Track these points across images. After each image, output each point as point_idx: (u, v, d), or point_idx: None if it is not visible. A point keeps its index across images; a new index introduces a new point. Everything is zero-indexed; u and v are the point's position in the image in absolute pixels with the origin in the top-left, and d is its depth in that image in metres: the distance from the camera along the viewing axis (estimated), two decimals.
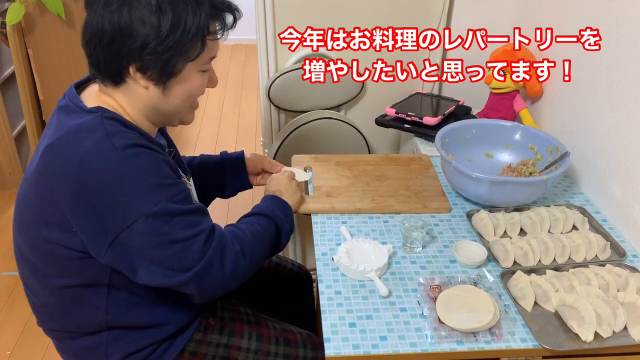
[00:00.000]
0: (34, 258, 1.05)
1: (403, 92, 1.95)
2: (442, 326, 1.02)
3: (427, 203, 1.38)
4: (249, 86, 4.25)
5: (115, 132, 0.96)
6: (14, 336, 2.04)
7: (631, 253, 1.23)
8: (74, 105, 1.02)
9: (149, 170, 0.97)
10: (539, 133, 1.46)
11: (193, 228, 1.00)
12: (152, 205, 0.95)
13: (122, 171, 0.94)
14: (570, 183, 1.50)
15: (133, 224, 0.95)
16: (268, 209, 1.21)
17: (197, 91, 1.08)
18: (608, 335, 1.01)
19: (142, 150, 0.97)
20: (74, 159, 0.94)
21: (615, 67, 1.32)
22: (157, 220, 0.96)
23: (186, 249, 0.99)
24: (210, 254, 1.01)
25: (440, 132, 1.43)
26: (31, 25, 2.54)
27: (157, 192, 0.97)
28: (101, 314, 1.07)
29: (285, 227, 1.20)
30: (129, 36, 0.95)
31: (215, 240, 1.03)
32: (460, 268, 1.18)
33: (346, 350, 0.98)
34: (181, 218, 0.99)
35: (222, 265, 1.03)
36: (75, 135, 0.96)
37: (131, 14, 0.94)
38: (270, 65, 1.87)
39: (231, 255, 1.05)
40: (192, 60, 1.01)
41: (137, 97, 1.03)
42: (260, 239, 1.13)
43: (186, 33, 0.97)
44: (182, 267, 0.99)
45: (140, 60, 0.97)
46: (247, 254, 1.08)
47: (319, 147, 1.90)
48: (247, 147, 3.42)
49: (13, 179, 2.86)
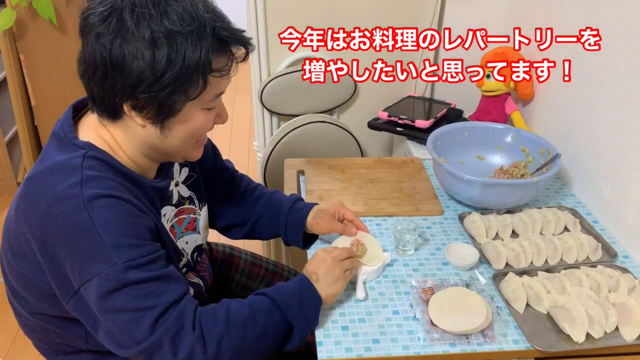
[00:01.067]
0: (13, 281, 1.02)
1: (395, 95, 1.96)
2: (435, 328, 1.02)
3: (420, 206, 1.38)
4: (242, 90, 4.24)
5: (90, 179, 0.89)
6: (6, 343, 2.03)
7: (622, 254, 1.24)
8: (64, 136, 0.95)
9: (113, 226, 0.87)
10: (531, 135, 1.47)
11: (149, 299, 0.88)
12: (107, 267, 0.86)
13: (83, 224, 0.86)
14: (561, 185, 1.51)
15: (89, 281, 0.87)
16: (283, 294, 0.99)
17: (200, 130, 0.98)
18: (600, 335, 1.01)
19: (113, 202, 0.89)
20: (43, 202, 0.89)
21: (606, 69, 1.33)
22: (109, 284, 0.86)
23: (136, 320, 0.87)
24: (160, 334, 0.87)
25: (432, 135, 1.44)
26: (23, 30, 2.53)
27: (116, 252, 0.87)
28: (82, 342, 1.04)
29: (299, 323, 0.98)
30: (122, 72, 0.87)
31: (172, 318, 0.88)
32: (452, 270, 1.18)
33: (339, 354, 0.98)
34: (137, 286, 0.87)
35: (173, 349, 0.88)
36: (52, 174, 0.91)
37: (123, 47, 0.86)
38: (263, 69, 1.87)
39: (188, 342, 0.88)
40: (192, 99, 0.91)
41: (134, 134, 0.95)
42: (248, 330, 0.93)
43: (184, 70, 0.87)
44: (132, 339, 0.88)
45: (135, 98, 0.89)
46: (211, 345, 0.90)
47: (312, 151, 1.90)
48: (240, 151, 3.42)
49: (6, 185, 2.85)
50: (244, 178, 1.35)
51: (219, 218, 1.30)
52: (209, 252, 1.39)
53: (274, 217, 1.26)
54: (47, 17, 2.48)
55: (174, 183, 1.14)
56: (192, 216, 1.18)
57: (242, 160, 3.32)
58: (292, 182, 1.50)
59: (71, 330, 1.03)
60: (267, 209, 1.27)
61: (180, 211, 1.15)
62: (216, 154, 1.29)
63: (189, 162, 1.18)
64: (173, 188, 1.14)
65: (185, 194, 1.18)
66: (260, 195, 1.30)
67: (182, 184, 1.17)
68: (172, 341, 0.88)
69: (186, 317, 0.89)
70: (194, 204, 1.20)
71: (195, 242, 1.20)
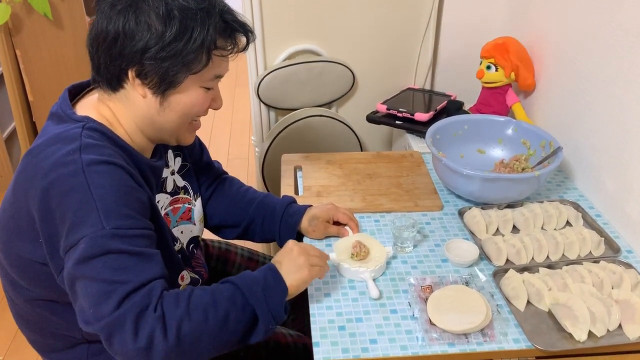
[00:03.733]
0: (8, 266, 1.02)
1: (394, 87, 1.93)
2: (433, 328, 1.00)
3: (419, 201, 1.36)
4: (242, 83, 4.22)
5: (89, 146, 0.91)
6: (5, 342, 2.02)
7: (625, 249, 1.21)
8: (62, 113, 0.98)
9: (107, 191, 0.88)
10: (532, 128, 1.44)
11: (124, 273, 0.85)
12: (94, 230, 0.85)
13: (78, 187, 0.87)
14: (564, 178, 1.48)
15: (74, 247, 0.86)
16: (247, 280, 0.96)
17: (196, 108, 1.01)
18: (602, 334, 0.99)
19: (111, 169, 0.90)
20: (41, 170, 0.90)
21: (608, 60, 1.30)
22: (90, 248, 0.85)
23: (106, 293, 0.84)
24: (124, 310, 0.83)
25: (431, 128, 1.41)
26: (18, 25, 2.51)
27: (105, 216, 0.86)
28: (76, 329, 1.03)
29: (263, 310, 0.94)
30: (132, 38, 0.92)
31: (139, 295, 0.85)
32: (452, 267, 1.16)
33: (335, 355, 0.96)
34: (116, 256, 0.86)
35: (135, 329, 0.83)
36: (51, 144, 0.92)
37: (137, 16, 0.91)
38: (259, 63, 1.85)
39: (149, 323, 0.84)
40: (194, 73, 0.96)
41: (133, 106, 0.99)
42: (209, 315, 0.89)
43: (191, 43, 0.93)
44: (96, 314, 0.84)
45: (141, 64, 0.93)
46: (171, 328, 0.85)
47: (311, 145, 1.88)
48: (240, 145, 3.40)
49: (4, 181, 2.84)
50: (234, 180, 1.36)
51: (210, 217, 1.30)
52: (204, 249, 1.38)
53: (267, 221, 1.26)
54: (43, 12, 2.46)
55: (169, 171, 1.15)
56: (187, 206, 1.19)
57: (242, 154, 3.30)
58: (289, 177, 1.48)
59: (66, 316, 1.02)
60: (259, 213, 1.27)
61: (175, 200, 1.16)
62: (202, 147, 1.31)
63: (182, 152, 1.20)
64: (168, 176, 1.15)
65: (180, 184, 1.19)
66: (253, 198, 1.30)
67: (177, 173, 1.18)
68: (135, 320, 0.84)
69: (152, 298, 0.86)
70: (189, 194, 1.21)
71: (190, 233, 1.20)
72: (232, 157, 3.26)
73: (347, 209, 1.30)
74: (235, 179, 1.36)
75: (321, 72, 1.85)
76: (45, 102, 2.70)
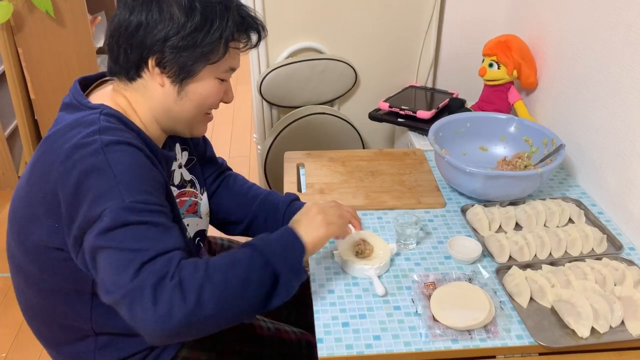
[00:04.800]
0: (21, 255, 1.03)
1: (397, 85, 1.94)
2: (437, 324, 1.01)
3: (422, 198, 1.36)
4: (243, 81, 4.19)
5: (107, 128, 0.93)
6: (9, 338, 2.03)
7: (628, 246, 1.21)
8: (77, 102, 0.99)
9: (127, 168, 0.90)
10: (534, 125, 1.44)
11: (143, 241, 0.87)
12: (115, 203, 0.87)
13: (99, 165, 0.89)
14: (566, 175, 1.48)
15: (97, 220, 0.87)
16: (265, 240, 0.97)
17: (211, 99, 1.04)
18: (605, 330, 0.99)
19: (129, 149, 0.93)
20: (61, 153, 0.91)
21: (610, 57, 1.30)
22: (111, 220, 0.86)
23: (126, 261, 0.84)
24: (143, 277, 0.83)
25: (434, 126, 1.41)
26: (20, 23, 2.51)
27: (126, 190, 0.88)
28: (86, 321, 1.05)
29: (283, 268, 0.94)
30: (154, 27, 0.95)
31: (159, 264, 0.85)
32: (455, 264, 1.17)
33: (339, 351, 0.97)
34: (136, 227, 0.87)
35: (154, 296, 0.83)
36: (70, 129, 0.94)
37: (160, 7, 0.95)
38: (262, 61, 1.85)
39: (167, 290, 0.83)
40: (212, 63, 0.99)
41: (151, 95, 1.01)
42: (229, 276, 0.89)
43: (211, 34, 0.96)
44: (116, 283, 0.84)
45: (162, 52, 0.96)
46: (190, 293, 0.84)
47: (313, 143, 1.88)
48: (242, 143, 3.40)
49: (6, 179, 2.84)
50: (238, 177, 1.36)
51: (214, 213, 1.31)
52: (207, 246, 1.39)
53: (270, 218, 1.26)
54: (45, 10, 2.46)
55: (177, 164, 1.17)
56: (194, 199, 1.20)
57: (243, 152, 3.30)
58: (292, 175, 1.48)
59: (77, 307, 1.03)
60: (263, 210, 1.27)
61: (182, 193, 1.17)
62: (206, 142, 1.32)
63: (188, 146, 1.21)
64: (176, 169, 1.16)
65: (187, 177, 1.20)
66: (256, 195, 1.30)
67: (184, 167, 1.19)
68: (154, 287, 0.83)
69: (170, 266, 0.86)
70: (195, 187, 1.22)
71: (197, 226, 1.20)
72: (234, 155, 3.27)
73: (350, 206, 1.31)
74: (239, 175, 1.37)
75: (323, 70, 1.86)
76: (47, 100, 2.70)
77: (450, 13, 1.89)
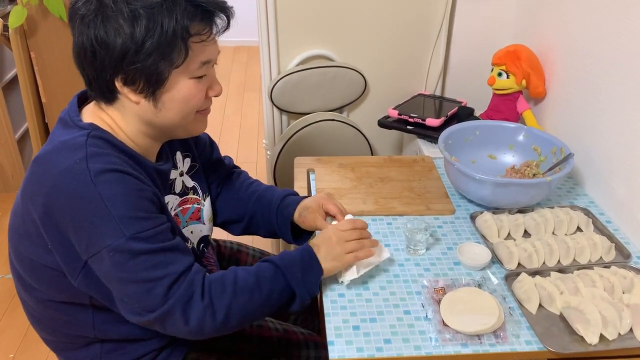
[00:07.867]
0: (19, 267, 1.03)
1: (406, 93, 1.95)
2: (447, 329, 1.02)
3: (431, 205, 1.38)
4: (251, 88, 4.25)
5: (95, 155, 0.92)
6: (17, 339, 2.04)
7: (636, 255, 1.22)
8: (69, 119, 0.99)
9: (120, 199, 0.90)
10: (543, 134, 1.45)
11: (159, 269, 0.92)
12: (115, 239, 0.89)
13: (90, 197, 0.89)
14: (574, 184, 1.49)
15: (98, 253, 0.90)
16: (287, 262, 1.05)
17: (193, 101, 0.99)
18: (614, 337, 1.00)
19: (118, 177, 0.92)
20: (48, 178, 0.91)
21: (618, 67, 1.31)
22: (119, 256, 0.90)
23: (148, 290, 0.91)
24: (172, 302, 0.92)
25: (444, 133, 1.43)
26: (33, 28, 2.54)
27: (124, 225, 0.89)
28: (89, 329, 1.05)
29: (300, 290, 1.04)
30: (107, 47, 0.90)
31: (183, 288, 0.93)
32: (464, 270, 1.18)
33: (350, 354, 0.98)
34: (146, 257, 0.91)
35: (185, 317, 0.93)
36: (57, 152, 0.93)
37: (105, 24, 0.90)
38: (273, 67, 1.87)
39: (197, 310, 0.94)
40: (177, 66, 0.94)
41: (131, 114, 0.99)
42: (254, 297, 0.99)
43: (164, 36, 0.90)
44: (145, 308, 0.93)
45: (124, 71, 0.92)
46: (220, 312, 0.96)
47: (322, 149, 1.90)
48: (249, 148, 3.43)
49: (16, 181, 2.87)
50: (242, 174, 1.36)
51: (218, 214, 1.31)
52: (216, 249, 1.40)
53: (265, 213, 1.27)
54: (58, 15, 2.49)
55: (178, 173, 1.16)
56: (196, 206, 1.20)
57: (251, 157, 3.33)
58: (302, 180, 1.50)
59: (79, 316, 1.04)
60: (259, 205, 1.28)
61: (184, 201, 1.17)
62: (213, 145, 1.32)
63: (191, 152, 1.21)
64: (177, 177, 1.16)
65: (189, 184, 1.20)
66: (254, 191, 1.30)
67: (186, 174, 1.19)
68: (184, 310, 0.93)
69: (195, 287, 0.94)
70: (198, 194, 1.22)
71: (200, 233, 1.21)
72: (241, 160, 3.29)
73: (359, 211, 1.33)
74: (243, 172, 1.36)
75: (333, 77, 1.88)
76: (58, 103, 2.73)
77: (459, 22, 1.91)
